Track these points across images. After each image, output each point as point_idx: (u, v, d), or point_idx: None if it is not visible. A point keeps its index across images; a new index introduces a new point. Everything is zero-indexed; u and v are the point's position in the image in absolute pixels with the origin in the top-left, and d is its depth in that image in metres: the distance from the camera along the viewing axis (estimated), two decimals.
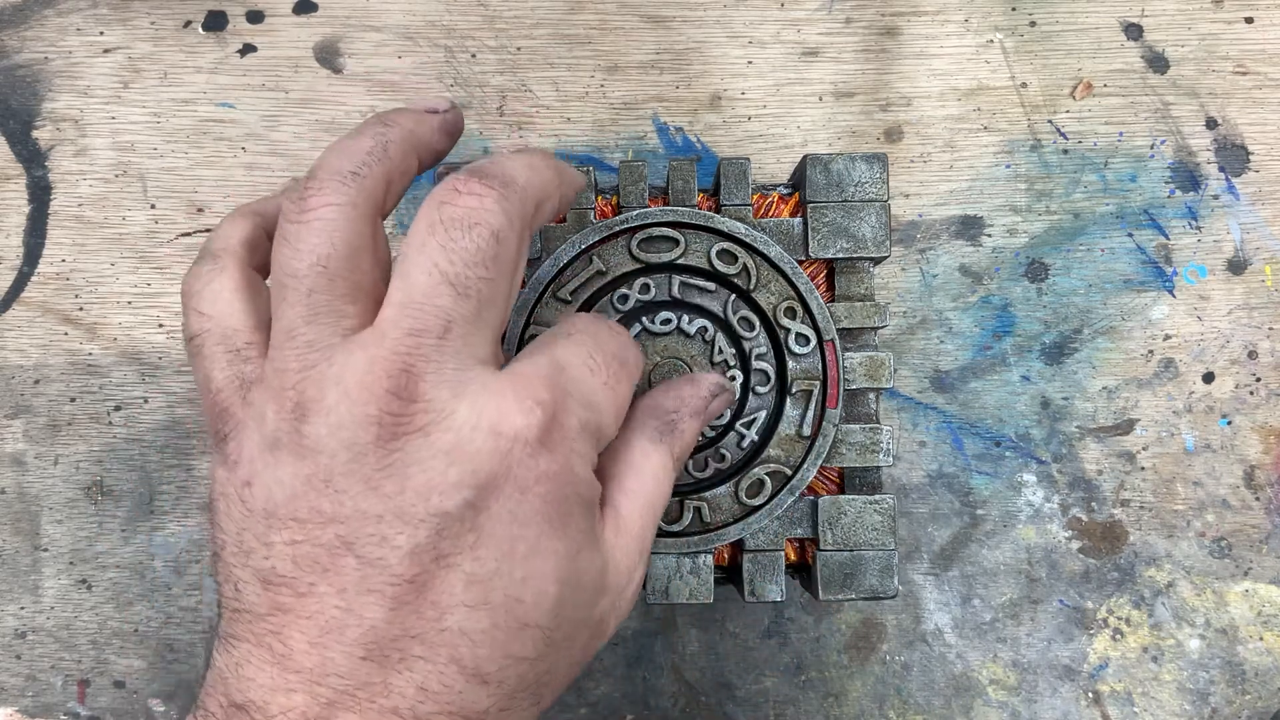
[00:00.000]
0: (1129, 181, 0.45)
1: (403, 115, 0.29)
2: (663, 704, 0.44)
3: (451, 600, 0.25)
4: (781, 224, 0.36)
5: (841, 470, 0.36)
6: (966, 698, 0.44)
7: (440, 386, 0.25)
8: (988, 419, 0.45)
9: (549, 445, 0.26)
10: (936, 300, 0.45)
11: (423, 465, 0.25)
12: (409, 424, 0.25)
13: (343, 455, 0.25)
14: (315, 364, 0.25)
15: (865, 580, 0.35)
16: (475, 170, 0.27)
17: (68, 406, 0.44)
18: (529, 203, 0.27)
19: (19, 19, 0.45)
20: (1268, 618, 0.44)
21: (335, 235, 0.26)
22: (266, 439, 0.26)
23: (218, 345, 0.28)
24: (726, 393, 0.33)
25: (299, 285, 0.26)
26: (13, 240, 0.45)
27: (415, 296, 0.25)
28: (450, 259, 0.25)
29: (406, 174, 0.28)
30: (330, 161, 0.27)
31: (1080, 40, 0.46)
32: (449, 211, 0.26)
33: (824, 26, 0.45)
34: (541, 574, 0.26)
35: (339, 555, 0.25)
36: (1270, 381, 0.45)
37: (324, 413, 0.25)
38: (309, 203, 0.26)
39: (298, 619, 0.25)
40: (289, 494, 0.25)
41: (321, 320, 0.26)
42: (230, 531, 0.26)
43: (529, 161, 0.28)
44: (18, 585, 0.44)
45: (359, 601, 0.24)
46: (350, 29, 0.45)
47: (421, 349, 0.25)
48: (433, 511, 0.24)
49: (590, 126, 0.45)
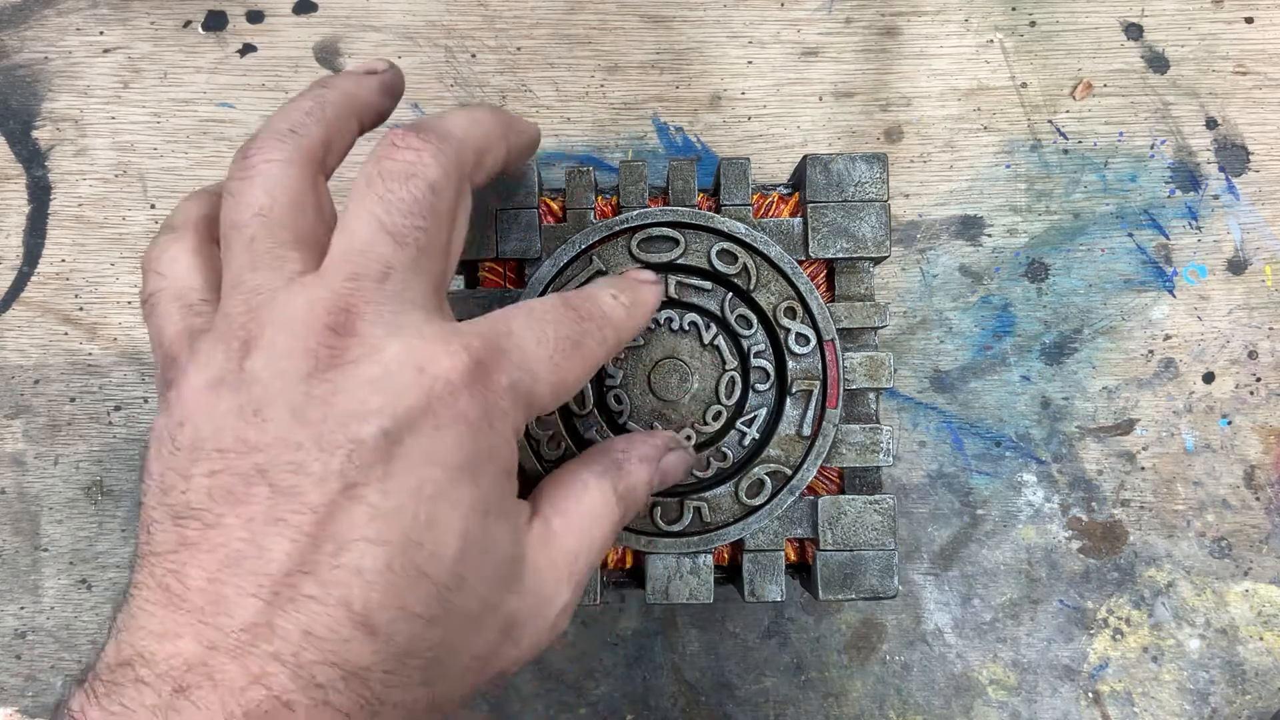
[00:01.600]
0: (1129, 181, 0.45)
1: (341, 78, 0.30)
2: (663, 704, 0.44)
3: (352, 533, 0.24)
4: (781, 224, 0.36)
5: (841, 470, 0.36)
6: (966, 698, 0.44)
7: (376, 325, 0.26)
8: (988, 419, 0.45)
9: (472, 391, 0.26)
10: (936, 300, 0.45)
11: (348, 394, 0.25)
12: (342, 356, 0.25)
13: (276, 384, 0.25)
14: (259, 306, 0.26)
15: (865, 580, 0.35)
16: (414, 125, 0.28)
17: (68, 406, 0.44)
18: (467, 154, 0.28)
19: (19, 19, 0.45)
20: (1268, 618, 0.44)
21: (274, 187, 0.27)
22: (209, 379, 0.26)
23: (172, 302, 0.29)
24: (683, 449, 0.33)
25: (241, 234, 0.27)
26: (13, 240, 0.45)
27: (355, 244, 0.26)
28: (388, 209, 0.26)
29: (346, 133, 0.29)
30: (270, 123, 0.28)
31: (1080, 40, 0.46)
32: (386, 165, 0.27)
33: (824, 26, 0.45)
34: (446, 522, 0.25)
35: (253, 484, 0.24)
36: (1270, 381, 0.45)
37: (264, 347, 0.26)
38: (250, 160, 0.27)
39: (199, 553, 0.24)
40: (218, 426, 0.25)
41: (265, 266, 0.27)
42: (155, 474, 0.26)
43: (471, 115, 0.29)
44: (18, 585, 0.44)
45: (263, 532, 0.24)
46: (350, 29, 0.45)
47: (361, 291, 0.26)
48: (349, 438, 0.25)
49: (590, 126, 0.45)
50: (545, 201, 0.37)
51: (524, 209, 0.36)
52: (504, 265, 0.36)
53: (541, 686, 0.44)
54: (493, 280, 0.36)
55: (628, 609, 0.44)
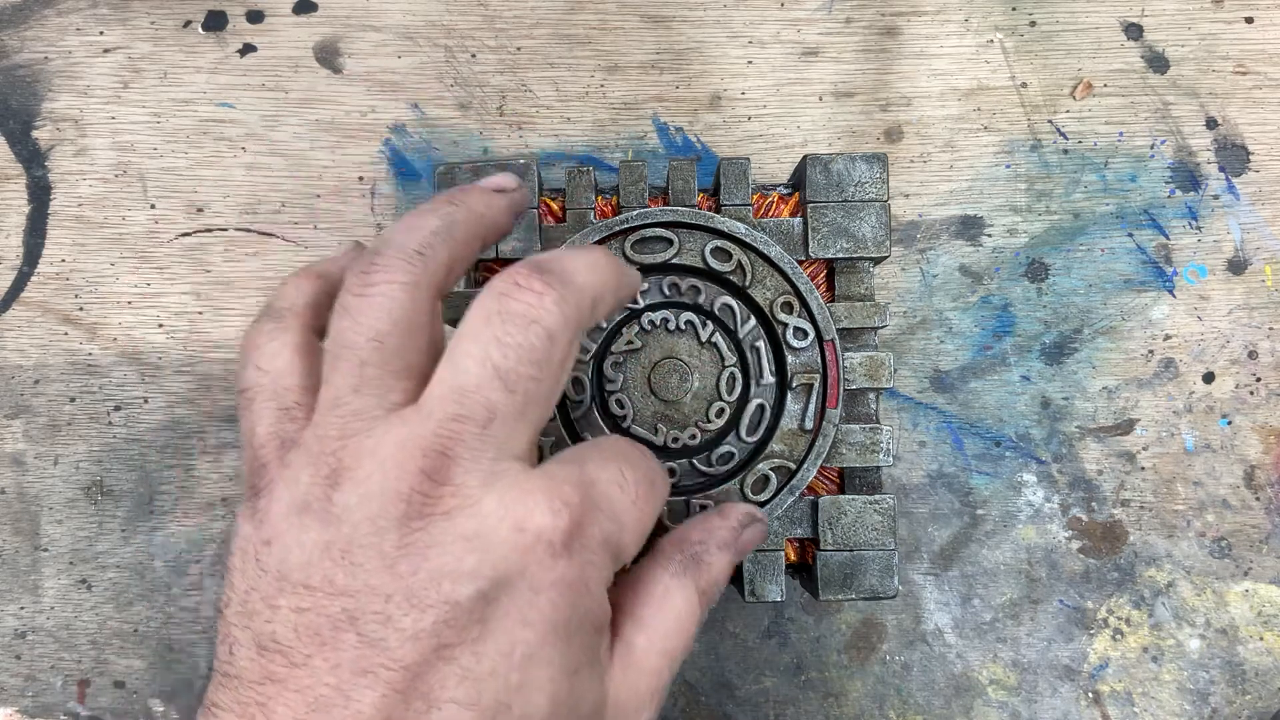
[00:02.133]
0: (1129, 181, 0.45)
1: (471, 195, 0.29)
2: None
3: (443, 694, 0.24)
4: (781, 224, 0.36)
5: (841, 470, 0.36)
6: (966, 698, 0.44)
7: (473, 474, 0.25)
8: (988, 419, 0.45)
9: (570, 551, 0.25)
10: (936, 300, 0.45)
11: (442, 548, 0.24)
12: (436, 506, 0.25)
13: (365, 527, 0.24)
14: (356, 433, 0.25)
15: (865, 580, 0.35)
16: (538, 266, 0.27)
17: (68, 406, 0.44)
18: (585, 304, 0.27)
19: (19, 19, 0.45)
20: (1268, 618, 0.44)
21: (395, 312, 0.26)
22: (296, 501, 0.25)
23: (269, 401, 0.28)
24: (759, 523, 0.32)
25: (352, 356, 0.26)
26: (13, 240, 0.45)
27: (464, 384, 0.25)
28: (504, 353, 0.25)
29: (470, 255, 0.29)
30: (397, 239, 0.27)
31: (1080, 40, 0.46)
32: (508, 305, 0.26)
33: (824, 26, 0.45)
34: (536, 684, 0.25)
35: (341, 629, 0.24)
36: (1270, 381, 0.45)
37: (356, 482, 0.25)
38: (373, 278, 0.26)
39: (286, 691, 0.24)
40: (306, 559, 0.25)
41: (369, 392, 0.26)
42: (239, 589, 0.26)
43: (591, 261, 0.28)
44: (18, 585, 0.44)
45: (351, 682, 0.24)
46: (350, 29, 0.45)
47: (462, 435, 0.25)
48: (443, 598, 0.24)
49: (590, 126, 0.45)
50: (545, 201, 0.37)
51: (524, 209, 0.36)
52: (504, 265, 0.36)
53: None
54: None
55: None
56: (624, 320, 0.36)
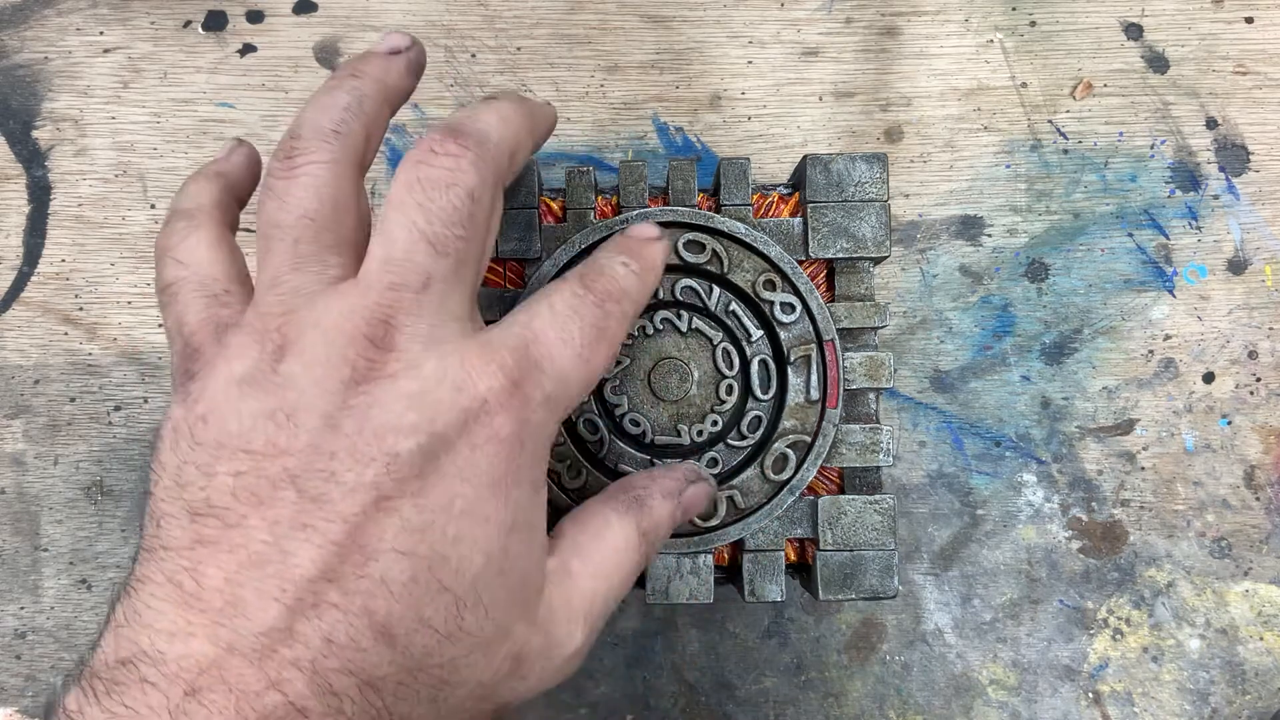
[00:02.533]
0: (1129, 181, 0.45)
1: (370, 63, 0.29)
2: (663, 704, 0.44)
3: (380, 545, 0.24)
4: (781, 224, 0.36)
5: (841, 470, 0.36)
6: (966, 698, 0.44)
7: (414, 339, 0.26)
8: (988, 419, 0.45)
9: (508, 409, 0.26)
10: (936, 300, 0.45)
11: (384, 407, 0.25)
12: (381, 370, 0.25)
13: (312, 392, 0.25)
14: (298, 308, 0.26)
15: (865, 580, 0.35)
16: (451, 129, 0.27)
17: (68, 406, 0.44)
18: (503, 158, 0.28)
19: (19, 19, 0.45)
20: (1268, 618, 0.44)
21: (322, 190, 0.27)
22: (237, 376, 0.26)
23: (195, 291, 0.28)
24: (704, 481, 0.33)
25: (285, 235, 0.27)
26: (13, 240, 0.45)
27: (395, 253, 0.26)
28: (428, 218, 0.26)
29: (381, 124, 0.29)
30: (312, 118, 0.28)
31: (1080, 40, 0.46)
32: (426, 171, 0.26)
33: (824, 26, 0.45)
34: (472, 538, 0.26)
35: (281, 488, 0.24)
36: (1270, 381, 0.45)
37: (301, 352, 0.25)
38: (295, 160, 0.27)
39: (218, 552, 0.24)
40: (247, 426, 0.25)
41: (307, 268, 0.27)
42: (170, 465, 0.26)
43: (501, 113, 0.29)
44: (18, 585, 0.44)
45: (289, 537, 0.24)
46: (350, 29, 0.45)
47: (401, 302, 0.26)
48: (385, 451, 0.25)
49: (590, 126, 0.45)
50: (545, 201, 0.37)
51: (524, 209, 0.36)
52: (504, 265, 0.36)
53: None
54: (493, 280, 0.36)
55: (628, 609, 0.44)
56: None
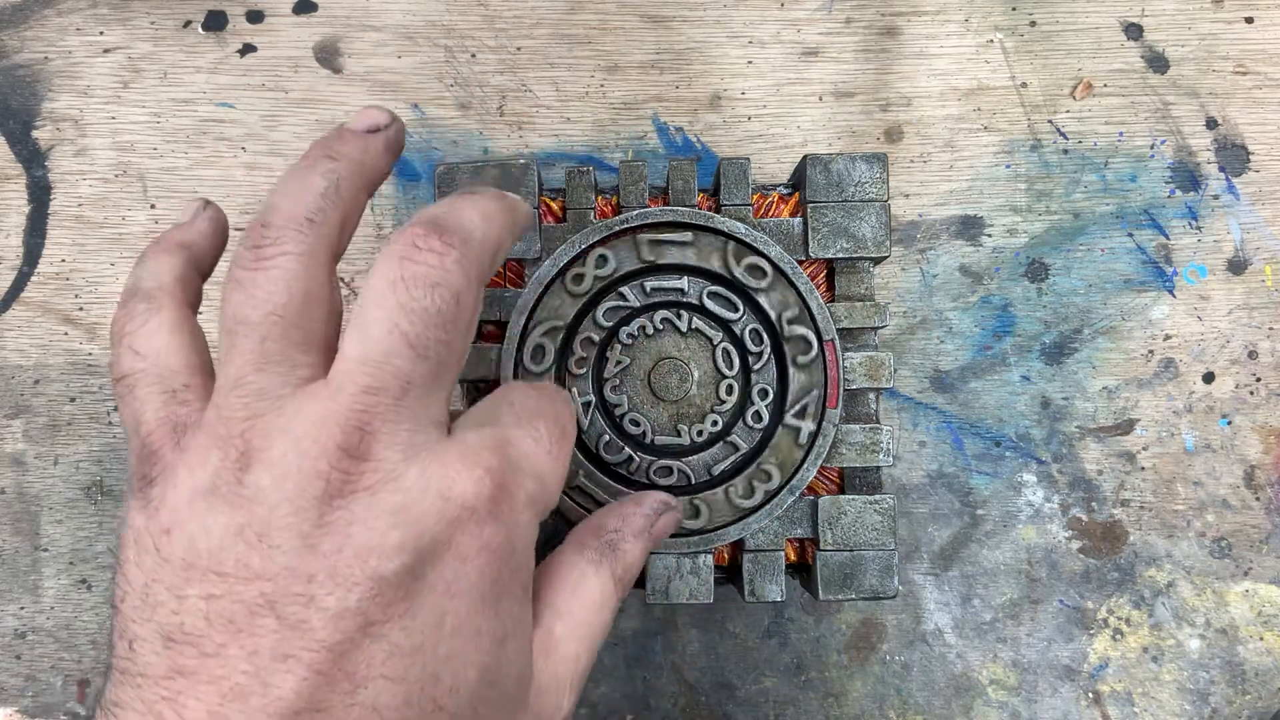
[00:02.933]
0: (1129, 181, 0.45)
1: (347, 143, 0.28)
2: (663, 704, 0.44)
3: (370, 672, 0.23)
4: (781, 224, 0.36)
5: (841, 470, 0.36)
6: (966, 698, 0.44)
7: (393, 448, 0.24)
8: (988, 419, 0.45)
9: (496, 515, 0.25)
10: (936, 300, 0.45)
11: (366, 524, 0.24)
12: (358, 482, 0.24)
13: (284, 509, 0.24)
14: (264, 413, 0.24)
15: (865, 580, 0.35)
16: (435, 224, 0.26)
17: (68, 406, 0.44)
18: (486, 258, 0.27)
19: (19, 19, 0.45)
20: (1268, 618, 0.44)
21: (293, 284, 0.25)
22: (200, 486, 0.24)
23: (152, 385, 0.27)
24: (672, 511, 0.32)
25: (251, 333, 0.25)
26: (13, 240, 0.45)
27: (373, 354, 0.24)
28: (410, 319, 0.25)
29: (358, 209, 0.28)
30: (284, 206, 0.26)
31: (1080, 40, 0.46)
32: (410, 269, 0.25)
33: (824, 26, 0.45)
34: (464, 654, 0.25)
35: (259, 615, 0.23)
36: (1270, 381, 0.45)
37: (269, 463, 0.24)
38: (265, 251, 0.25)
39: (198, 684, 0.23)
40: (216, 544, 0.24)
41: (273, 369, 0.25)
42: (136, 582, 0.24)
43: (483, 210, 0.27)
44: (18, 585, 0.44)
45: (270, 668, 0.23)
46: (350, 29, 0.45)
47: (378, 408, 0.24)
48: (369, 574, 0.23)
49: (590, 126, 0.45)
50: (545, 201, 0.37)
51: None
52: (504, 265, 0.36)
53: None
54: (493, 280, 0.36)
55: (628, 609, 0.44)
56: (606, 343, 0.36)
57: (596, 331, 0.36)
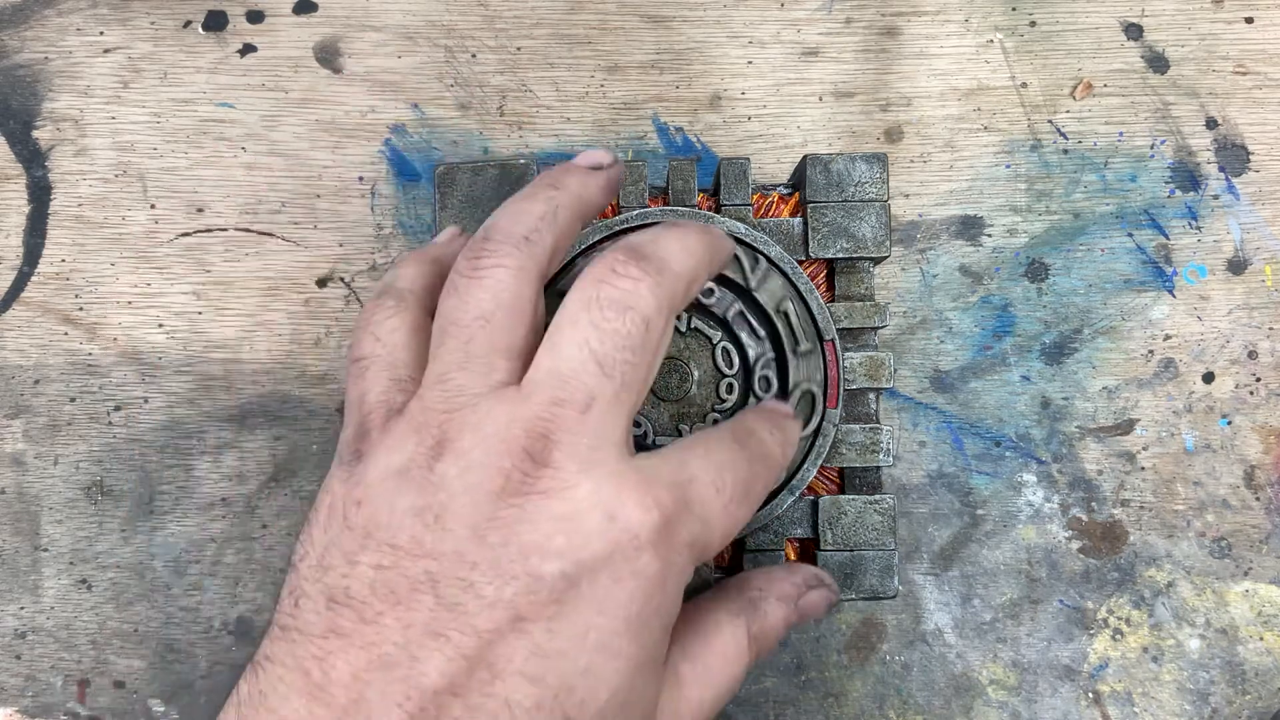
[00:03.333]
0: (1129, 181, 0.45)
1: (570, 176, 0.30)
2: None
3: (510, 667, 0.24)
4: (781, 224, 0.36)
5: (841, 470, 0.36)
6: (966, 698, 0.44)
7: (572, 459, 0.26)
8: (988, 419, 0.45)
9: (656, 548, 0.26)
10: (936, 300, 0.45)
11: (533, 525, 0.25)
12: (534, 485, 0.25)
13: (463, 497, 0.25)
14: (460, 408, 0.26)
15: (865, 580, 0.35)
16: (634, 251, 0.27)
17: (68, 406, 0.44)
18: (680, 288, 0.28)
19: (19, 19, 0.45)
20: (1268, 618, 0.44)
21: (501, 294, 0.27)
22: (395, 466, 0.26)
23: (383, 370, 0.29)
24: (826, 589, 0.32)
25: (459, 334, 0.27)
26: (13, 240, 0.45)
27: (563, 368, 0.26)
28: (600, 339, 0.26)
29: (572, 236, 0.30)
30: (504, 224, 0.28)
31: (1080, 40, 0.46)
32: (605, 291, 0.27)
33: (824, 26, 0.45)
34: (601, 672, 0.25)
35: (420, 590, 0.24)
36: (1270, 381, 0.45)
37: (458, 454, 0.26)
38: (482, 261, 0.28)
39: (350, 646, 0.24)
40: (396, 520, 0.25)
41: (474, 369, 0.27)
42: (318, 543, 0.26)
43: (685, 243, 0.29)
44: (18, 585, 0.44)
45: (420, 643, 0.24)
46: (350, 29, 0.45)
47: (562, 419, 0.26)
48: (528, 571, 0.24)
49: (590, 126, 0.45)
50: None
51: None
52: None
53: None
54: None
55: None
56: None
57: None
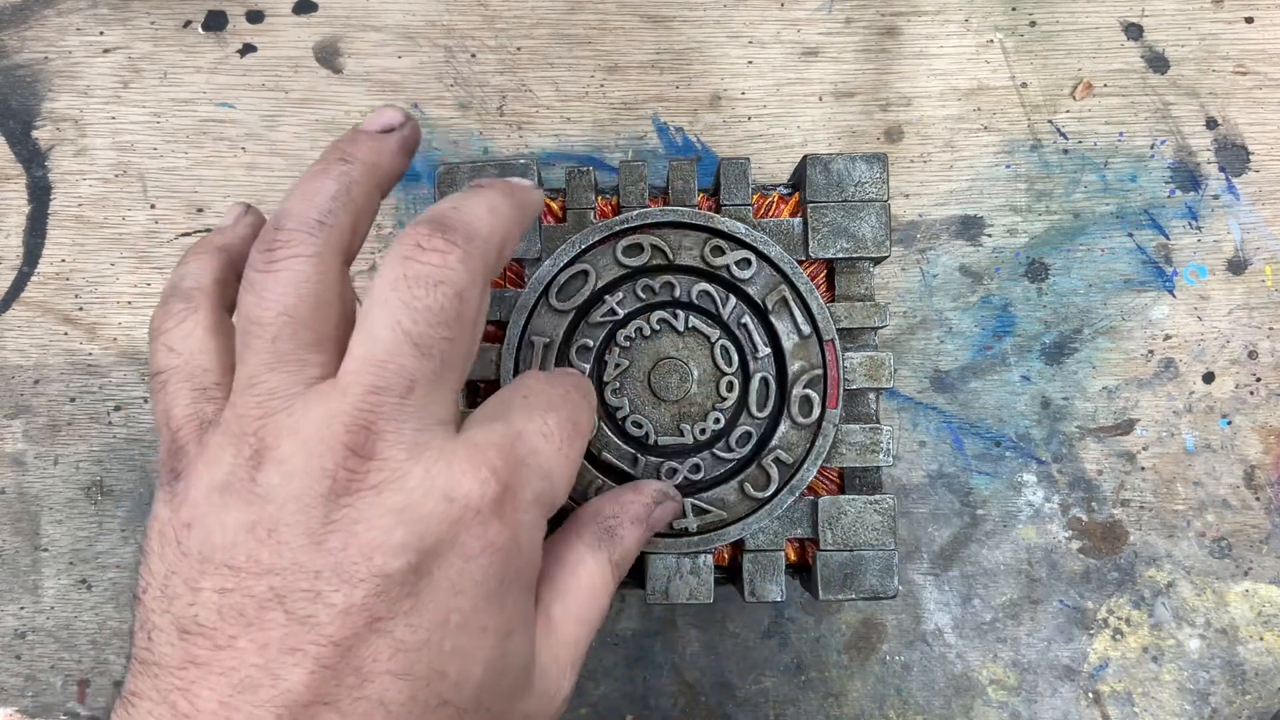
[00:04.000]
0: (1129, 181, 0.45)
1: (361, 145, 0.28)
2: (663, 704, 0.44)
3: (376, 667, 0.24)
4: (781, 224, 0.36)
5: (841, 470, 0.36)
6: (966, 698, 0.44)
7: (398, 447, 0.25)
8: (988, 419, 0.45)
9: (500, 515, 0.25)
10: (936, 300, 0.45)
11: (370, 523, 0.24)
12: (363, 481, 0.24)
13: (291, 506, 0.24)
14: (275, 412, 0.25)
15: (865, 580, 0.35)
16: (439, 222, 0.26)
17: (68, 406, 0.44)
18: (491, 254, 0.27)
19: (19, 19, 0.45)
20: (1268, 618, 0.44)
21: (303, 286, 0.26)
22: (218, 482, 0.25)
23: (184, 383, 0.27)
24: (671, 500, 0.33)
25: (264, 333, 0.26)
26: (13, 240, 0.45)
27: (378, 354, 0.25)
28: (414, 318, 0.25)
29: (371, 212, 0.28)
30: (296, 208, 0.26)
31: (1080, 40, 0.46)
32: (413, 268, 0.25)
33: (824, 26, 0.45)
34: (470, 651, 0.25)
35: (268, 609, 0.24)
36: (1270, 381, 0.45)
37: (279, 461, 0.24)
38: (276, 253, 0.26)
39: (210, 674, 0.24)
40: (230, 540, 0.24)
41: (284, 368, 0.25)
42: (158, 574, 0.25)
43: (489, 204, 0.27)
44: (18, 585, 0.44)
45: (279, 661, 0.23)
46: (350, 29, 0.45)
47: (383, 407, 0.25)
48: (374, 572, 0.24)
49: (590, 126, 0.45)
50: (545, 201, 0.37)
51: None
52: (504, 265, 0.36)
53: None
54: (494, 280, 0.36)
55: (628, 609, 0.44)
56: (604, 347, 0.36)
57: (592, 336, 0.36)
